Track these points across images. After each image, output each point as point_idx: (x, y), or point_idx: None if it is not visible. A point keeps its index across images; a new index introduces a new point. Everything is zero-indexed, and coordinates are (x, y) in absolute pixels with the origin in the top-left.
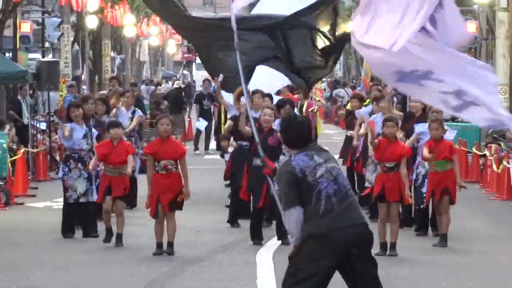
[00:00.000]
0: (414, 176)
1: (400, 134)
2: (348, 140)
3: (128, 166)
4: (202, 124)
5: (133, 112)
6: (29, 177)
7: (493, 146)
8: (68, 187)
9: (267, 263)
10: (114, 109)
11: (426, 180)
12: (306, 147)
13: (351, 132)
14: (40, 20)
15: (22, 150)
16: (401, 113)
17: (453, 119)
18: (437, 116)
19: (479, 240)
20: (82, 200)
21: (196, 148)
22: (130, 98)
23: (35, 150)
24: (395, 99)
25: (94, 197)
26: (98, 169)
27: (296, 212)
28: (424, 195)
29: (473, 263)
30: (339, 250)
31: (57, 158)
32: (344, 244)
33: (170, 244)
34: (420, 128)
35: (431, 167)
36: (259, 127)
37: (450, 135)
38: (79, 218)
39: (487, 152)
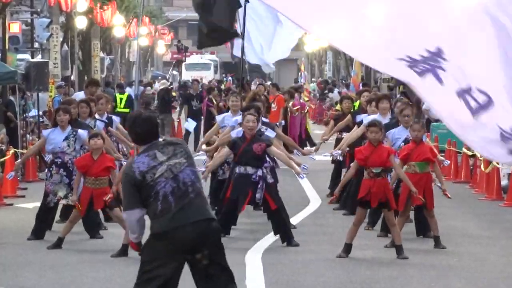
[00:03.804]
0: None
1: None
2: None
3: (113, 179)
4: (191, 125)
5: (109, 119)
6: (19, 178)
7: None
8: (49, 192)
9: (256, 264)
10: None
11: (401, 183)
12: (152, 145)
13: (346, 134)
14: (29, 20)
15: (11, 151)
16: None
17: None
18: (408, 120)
19: (468, 240)
20: (62, 202)
21: None
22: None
23: (24, 151)
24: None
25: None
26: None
27: (132, 214)
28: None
29: (462, 264)
30: (182, 248)
31: (47, 159)
32: (185, 242)
33: None
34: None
35: (411, 167)
36: (242, 135)
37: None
38: (84, 222)
39: (477, 152)
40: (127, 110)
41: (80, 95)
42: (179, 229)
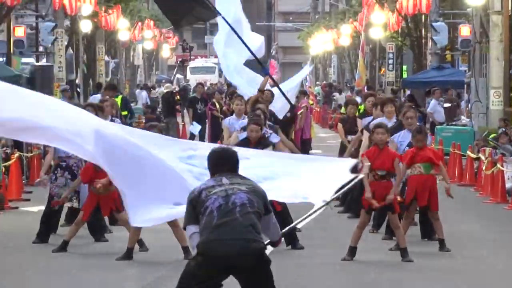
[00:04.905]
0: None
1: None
2: (345, 147)
3: (100, 181)
4: (195, 128)
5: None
6: (23, 182)
7: (487, 149)
8: (53, 195)
9: None
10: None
11: (405, 187)
12: (225, 173)
13: (352, 137)
14: (34, 24)
15: (16, 154)
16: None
17: (448, 122)
18: (411, 122)
19: (473, 243)
20: (67, 204)
21: None
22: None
23: (29, 155)
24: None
25: (80, 204)
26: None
27: (188, 230)
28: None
29: (467, 267)
30: (217, 264)
31: (51, 162)
32: (220, 259)
33: (186, 249)
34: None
35: (416, 169)
36: (246, 139)
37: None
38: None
39: (481, 155)
40: (125, 112)
41: (96, 98)
42: (214, 243)
